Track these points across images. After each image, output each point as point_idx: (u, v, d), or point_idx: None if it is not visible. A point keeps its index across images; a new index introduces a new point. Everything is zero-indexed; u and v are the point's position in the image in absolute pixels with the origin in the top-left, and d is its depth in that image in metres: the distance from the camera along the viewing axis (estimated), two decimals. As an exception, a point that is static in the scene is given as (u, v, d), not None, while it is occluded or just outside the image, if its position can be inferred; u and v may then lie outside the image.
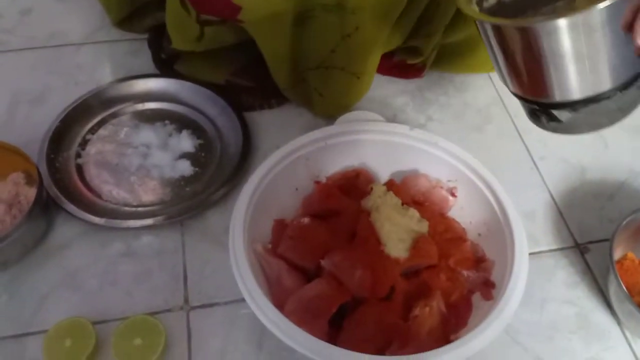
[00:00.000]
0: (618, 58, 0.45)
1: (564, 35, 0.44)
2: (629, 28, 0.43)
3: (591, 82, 0.47)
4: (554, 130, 0.53)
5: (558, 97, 0.49)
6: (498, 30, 0.48)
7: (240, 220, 0.57)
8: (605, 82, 0.47)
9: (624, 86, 0.47)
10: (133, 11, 0.85)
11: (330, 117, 0.77)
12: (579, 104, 0.49)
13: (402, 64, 0.82)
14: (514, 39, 0.47)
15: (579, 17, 0.43)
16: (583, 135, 0.52)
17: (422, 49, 0.78)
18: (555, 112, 0.51)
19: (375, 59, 0.73)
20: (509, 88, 0.53)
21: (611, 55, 0.45)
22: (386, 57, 0.78)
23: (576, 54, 0.45)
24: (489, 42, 0.51)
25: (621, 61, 0.46)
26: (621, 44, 0.44)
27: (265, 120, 0.78)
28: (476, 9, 0.53)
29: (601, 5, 0.42)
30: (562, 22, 0.44)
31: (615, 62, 0.45)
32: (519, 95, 0.53)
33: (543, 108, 0.52)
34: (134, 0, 0.84)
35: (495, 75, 0.86)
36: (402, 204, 0.62)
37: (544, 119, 0.53)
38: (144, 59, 0.83)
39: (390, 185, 0.66)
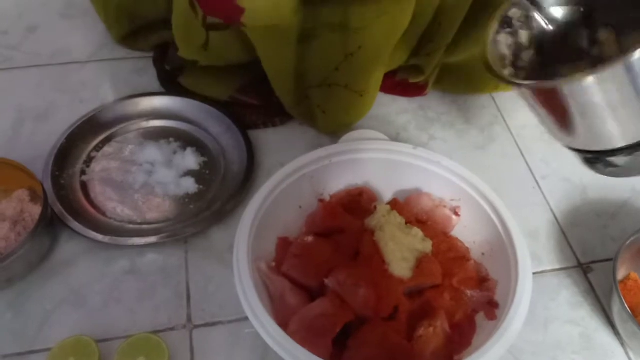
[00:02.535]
0: None
1: (603, 88, 0.45)
2: None
3: None
4: (613, 175, 0.53)
5: (611, 144, 0.49)
6: (533, 92, 0.49)
7: (245, 238, 0.58)
8: None
9: None
10: (137, 29, 0.85)
11: (333, 134, 0.77)
12: (635, 148, 0.49)
13: (404, 83, 0.82)
14: (553, 98, 0.48)
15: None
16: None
17: (424, 67, 0.78)
18: (611, 159, 0.51)
19: (378, 78, 0.74)
20: (559, 142, 0.53)
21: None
22: (389, 76, 0.79)
23: (622, 103, 0.45)
24: (529, 103, 0.51)
25: None
26: None
27: (269, 138, 0.78)
28: (507, 72, 0.53)
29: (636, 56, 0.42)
30: (591, 78, 0.44)
31: None
32: (571, 148, 0.53)
33: (598, 156, 0.51)
34: (134, 18, 0.84)
35: (497, 95, 0.86)
36: (406, 223, 0.63)
37: (600, 166, 0.52)
38: (149, 77, 0.84)
39: (394, 204, 0.66)
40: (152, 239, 0.66)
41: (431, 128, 0.82)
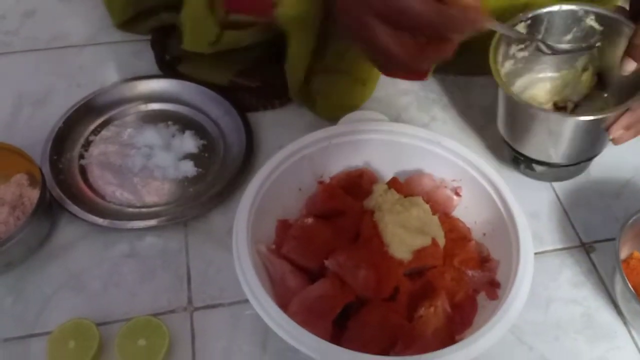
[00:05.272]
0: (590, 144, 0.66)
1: (573, 126, 0.63)
2: (607, 128, 0.62)
3: (574, 154, 0.67)
4: (524, 175, 0.72)
5: (545, 158, 0.68)
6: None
7: (244, 221, 0.57)
8: (581, 156, 0.68)
9: (588, 159, 0.70)
10: (138, 13, 0.85)
11: (332, 119, 0.77)
12: (557, 165, 0.69)
13: None
14: (536, 117, 0.64)
15: (586, 120, 0.62)
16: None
17: None
18: (534, 165, 0.70)
19: None
20: (504, 137, 0.70)
21: (586, 141, 0.65)
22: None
23: (571, 137, 0.64)
24: (507, 107, 0.67)
25: (592, 146, 0.67)
26: (594, 137, 0.65)
27: (268, 121, 0.78)
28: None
29: (600, 115, 0.61)
30: (573, 120, 0.63)
31: (587, 146, 0.67)
32: (511, 146, 0.70)
33: (527, 160, 0.70)
34: (137, 4, 0.83)
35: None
36: (405, 197, 0.62)
37: (522, 166, 0.72)
38: (147, 60, 0.83)
39: (393, 183, 0.65)
40: (152, 222, 0.66)
41: (432, 109, 0.81)
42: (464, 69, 0.84)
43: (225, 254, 0.65)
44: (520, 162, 0.71)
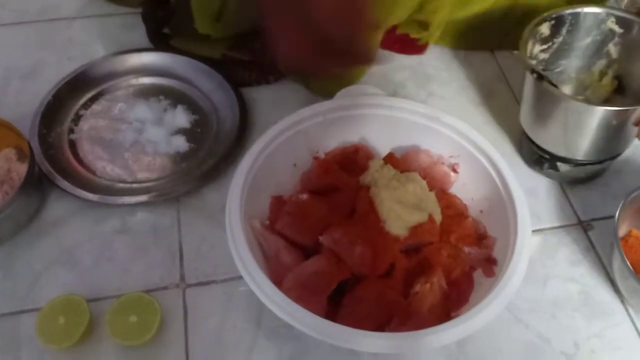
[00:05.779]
0: (616, 140, 0.65)
1: (601, 117, 0.61)
2: (637, 123, 0.61)
3: (600, 150, 0.65)
4: (547, 176, 0.70)
5: (571, 154, 0.66)
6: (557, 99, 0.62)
7: (237, 197, 0.56)
8: (606, 153, 0.67)
9: (612, 158, 0.68)
10: None
11: (328, 95, 0.75)
12: (582, 163, 0.67)
13: (405, 38, 0.80)
14: (568, 109, 0.62)
15: (616, 111, 0.60)
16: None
17: (428, 23, 0.76)
18: (559, 164, 0.68)
19: (376, 38, 0.71)
20: (527, 134, 0.69)
21: (613, 137, 0.64)
22: (388, 30, 0.76)
23: (599, 128, 0.61)
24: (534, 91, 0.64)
25: (617, 143, 0.66)
26: (621, 131, 0.63)
27: (262, 96, 0.76)
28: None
29: (630, 107, 0.60)
30: (603, 111, 0.60)
31: (614, 142, 0.65)
32: (535, 143, 0.68)
33: (552, 158, 0.68)
34: None
35: (497, 52, 0.84)
36: (401, 172, 0.61)
37: (546, 166, 0.69)
38: (138, 33, 0.81)
39: (390, 158, 0.64)
40: (143, 198, 0.65)
41: (430, 85, 0.80)
42: (464, 43, 0.83)
43: (218, 230, 0.64)
44: (544, 161, 0.68)
